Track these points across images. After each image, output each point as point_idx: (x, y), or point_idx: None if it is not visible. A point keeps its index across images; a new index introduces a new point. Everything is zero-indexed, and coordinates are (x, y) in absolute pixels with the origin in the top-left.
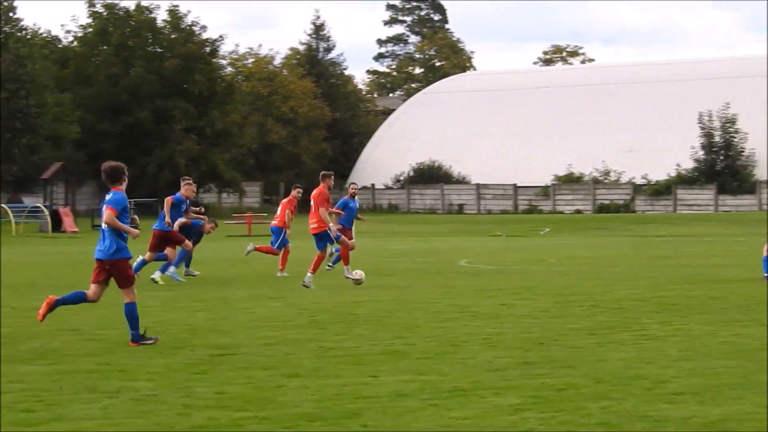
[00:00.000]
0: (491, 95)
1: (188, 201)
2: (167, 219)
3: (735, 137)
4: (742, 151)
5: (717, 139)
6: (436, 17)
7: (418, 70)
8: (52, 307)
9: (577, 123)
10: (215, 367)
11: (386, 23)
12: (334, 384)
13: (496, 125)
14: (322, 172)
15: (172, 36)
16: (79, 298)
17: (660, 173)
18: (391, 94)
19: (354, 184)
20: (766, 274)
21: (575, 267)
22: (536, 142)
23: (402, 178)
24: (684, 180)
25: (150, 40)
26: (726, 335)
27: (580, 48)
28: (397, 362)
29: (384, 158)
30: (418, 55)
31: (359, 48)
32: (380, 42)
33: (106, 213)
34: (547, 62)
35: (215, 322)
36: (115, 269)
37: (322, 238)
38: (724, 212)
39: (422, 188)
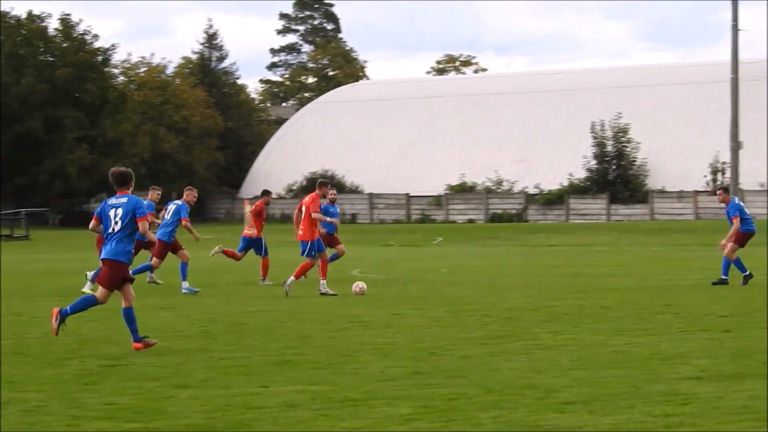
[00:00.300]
0: (384, 105)
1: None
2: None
3: (627, 147)
4: (634, 161)
5: (609, 148)
6: (329, 26)
7: (311, 80)
8: (63, 317)
9: (470, 132)
10: (105, 378)
11: (279, 32)
12: (224, 394)
13: (389, 134)
14: (319, 180)
15: (64, 45)
16: (89, 304)
17: (552, 183)
18: (284, 104)
19: (333, 189)
20: (745, 273)
21: (467, 276)
22: (429, 151)
23: (295, 187)
24: (576, 189)
25: (41, 49)
26: (617, 344)
27: (474, 57)
28: (288, 372)
29: (277, 168)
30: (311, 65)
31: (252, 57)
32: (273, 51)
33: (142, 225)
34: (441, 72)
35: (106, 332)
36: (116, 269)
37: (307, 246)
38: (616, 221)
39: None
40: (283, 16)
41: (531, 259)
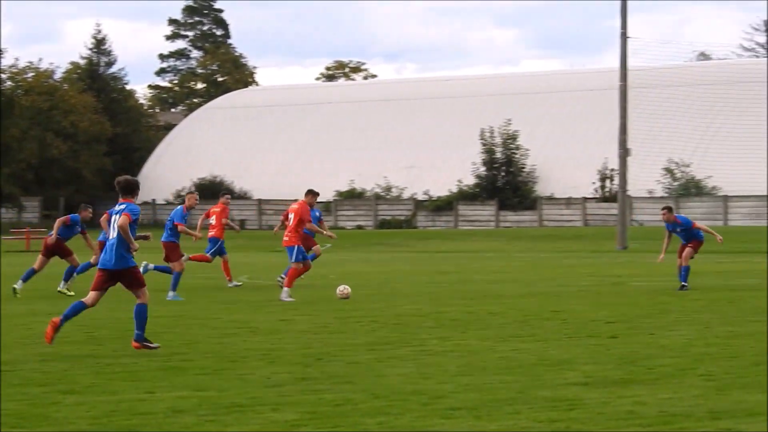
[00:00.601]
0: (274, 111)
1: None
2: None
3: (516, 153)
4: (523, 168)
5: (498, 155)
6: (219, 32)
7: (200, 85)
8: (59, 326)
9: (360, 139)
10: None
11: (168, 38)
12: (110, 400)
13: (278, 141)
14: (309, 189)
15: None
16: (79, 309)
17: (442, 189)
18: (173, 109)
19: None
20: (683, 283)
21: (356, 282)
22: (318, 157)
23: (183, 193)
24: (465, 196)
25: None
26: (504, 350)
27: (363, 64)
28: (174, 378)
29: (165, 173)
30: (200, 70)
31: (141, 63)
32: (162, 57)
33: (122, 218)
34: (330, 78)
35: None
36: (124, 278)
37: (294, 251)
38: (504, 228)
39: (203, 204)
40: (172, 21)
41: (419, 265)
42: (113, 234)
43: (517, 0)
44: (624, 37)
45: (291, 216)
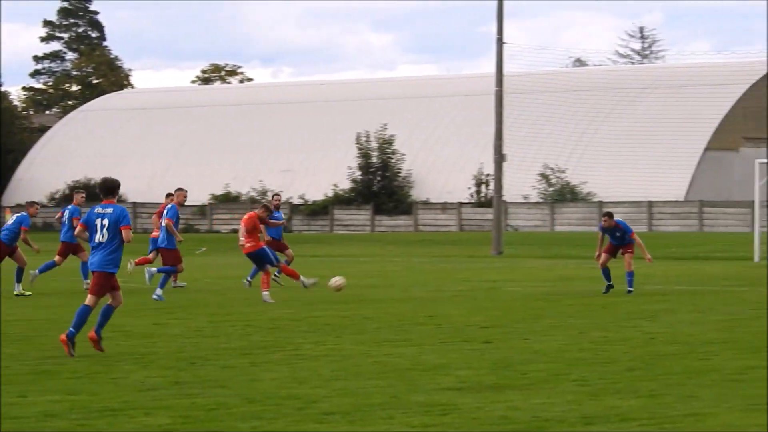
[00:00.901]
0: (149, 113)
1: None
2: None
3: (392, 158)
4: (399, 172)
5: (374, 159)
6: (94, 34)
7: (75, 87)
8: (71, 340)
9: (235, 142)
10: None
11: (43, 40)
12: None
13: (153, 143)
14: (273, 195)
15: None
16: (85, 314)
17: (317, 193)
18: (47, 111)
19: (278, 195)
20: (608, 283)
21: (230, 286)
22: (194, 160)
23: (57, 195)
24: (341, 200)
25: None
26: (378, 355)
27: (239, 67)
28: (46, 382)
29: (39, 176)
30: (75, 72)
31: (15, 64)
32: (37, 59)
33: (125, 233)
34: (206, 81)
35: None
36: (104, 280)
37: (258, 257)
38: (380, 233)
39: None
40: (47, 23)
41: (294, 269)
42: (102, 238)
43: (394, 1)
44: (500, 42)
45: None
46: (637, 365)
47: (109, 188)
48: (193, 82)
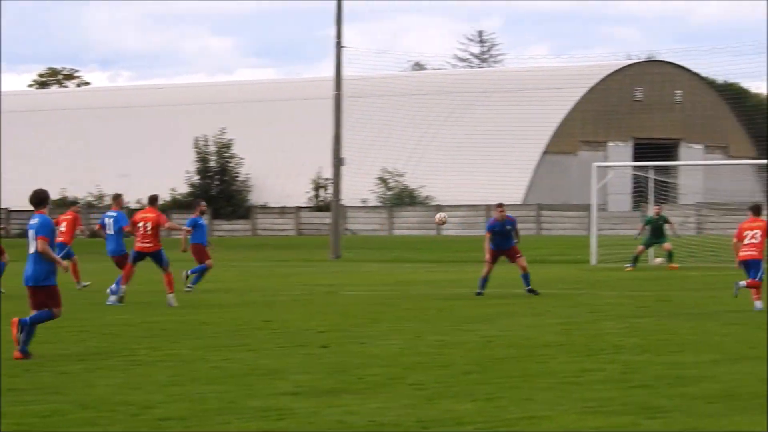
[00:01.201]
0: None
1: None
2: None
3: (230, 162)
4: (237, 176)
5: (212, 163)
6: None
7: None
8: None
9: (74, 146)
10: None
11: None
12: None
13: None
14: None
15: None
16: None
17: None
18: None
19: (203, 202)
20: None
21: (63, 292)
22: (30, 165)
23: None
24: (179, 204)
25: None
26: (215, 360)
27: (77, 71)
28: None
29: None
30: None
31: None
32: None
33: (40, 243)
34: (43, 85)
35: None
36: (42, 294)
37: (158, 257)
38: (218, 237)
39: None
40: None
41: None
42: (31, 249)
43: (234, 3)
44: (338, 46)
45: (145, 224)
46: (474, 369)
47: (37, 199)
48: (30, 86)
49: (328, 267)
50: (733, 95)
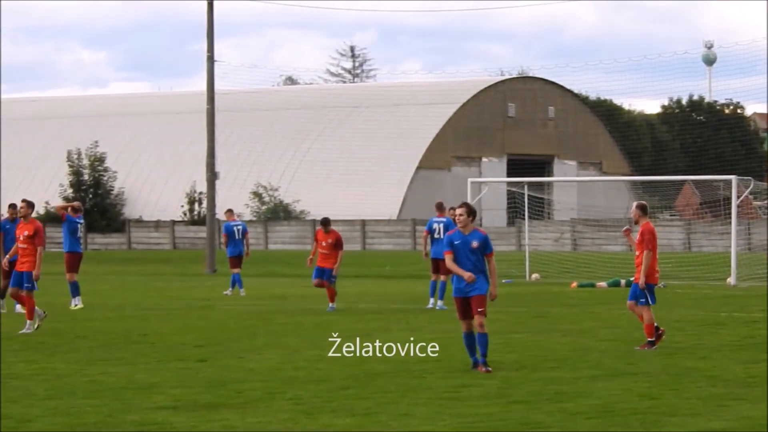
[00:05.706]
0: None
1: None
2: None
3: (104, 176)
4: (111, 190)
5: (86, 177)
6: None
7: None
8: None
9: None
10: None
11: None
12: None
13: None
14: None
15: None
16: None
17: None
18: None
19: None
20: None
21: None
22: None
23: None
24: (53, 218)
25: None
26: (92, 374)
27: None
28: None
29: None
30: None
31: None
32: None
33: None
34: None
35: None
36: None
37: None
38: (92, 251)
39: None
40: None
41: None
42: None
43: (107, 17)
44: (211, 60)
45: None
46: (352, 384)
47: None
48: None
49: (203, 281)
50: (606, 112)
